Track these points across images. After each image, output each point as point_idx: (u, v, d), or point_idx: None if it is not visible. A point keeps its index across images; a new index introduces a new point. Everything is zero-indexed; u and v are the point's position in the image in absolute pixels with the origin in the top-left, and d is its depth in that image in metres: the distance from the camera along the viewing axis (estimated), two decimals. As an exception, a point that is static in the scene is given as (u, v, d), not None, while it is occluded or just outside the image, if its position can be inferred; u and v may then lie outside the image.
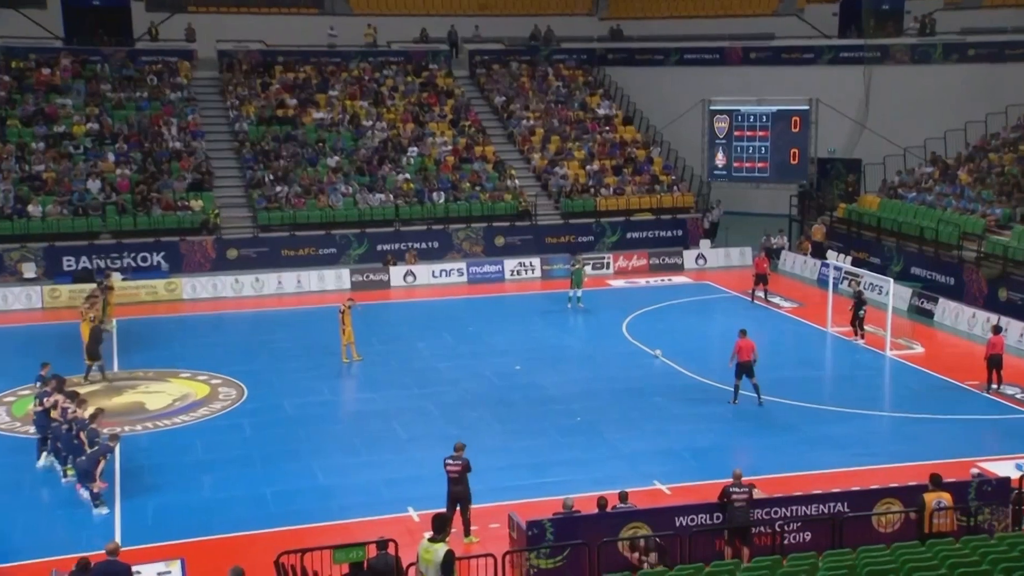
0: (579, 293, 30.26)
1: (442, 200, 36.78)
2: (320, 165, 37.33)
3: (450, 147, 39.48)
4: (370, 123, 39.69)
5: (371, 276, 33.92)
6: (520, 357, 25.52)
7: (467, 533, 15.62)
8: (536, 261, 35.47)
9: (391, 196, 36.45)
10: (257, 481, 18.08)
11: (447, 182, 37.60)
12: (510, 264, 35.23)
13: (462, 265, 35.01)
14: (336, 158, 37.66)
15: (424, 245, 35.80)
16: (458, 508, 15.53)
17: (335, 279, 33.65)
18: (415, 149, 38.92)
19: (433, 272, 34.55)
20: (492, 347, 26.56)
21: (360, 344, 26.75)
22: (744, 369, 21.34)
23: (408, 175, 37.59)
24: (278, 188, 35.89)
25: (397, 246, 35.51)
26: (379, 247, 35.38)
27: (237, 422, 21.10)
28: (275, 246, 34.57)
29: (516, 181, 38.39)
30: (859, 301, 26.62)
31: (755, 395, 21.52)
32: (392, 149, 38.71)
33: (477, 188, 37.63)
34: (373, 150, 38.49)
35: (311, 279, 33.54)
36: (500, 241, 36.66)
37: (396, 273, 34.20)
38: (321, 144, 38.13)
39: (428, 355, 25.79)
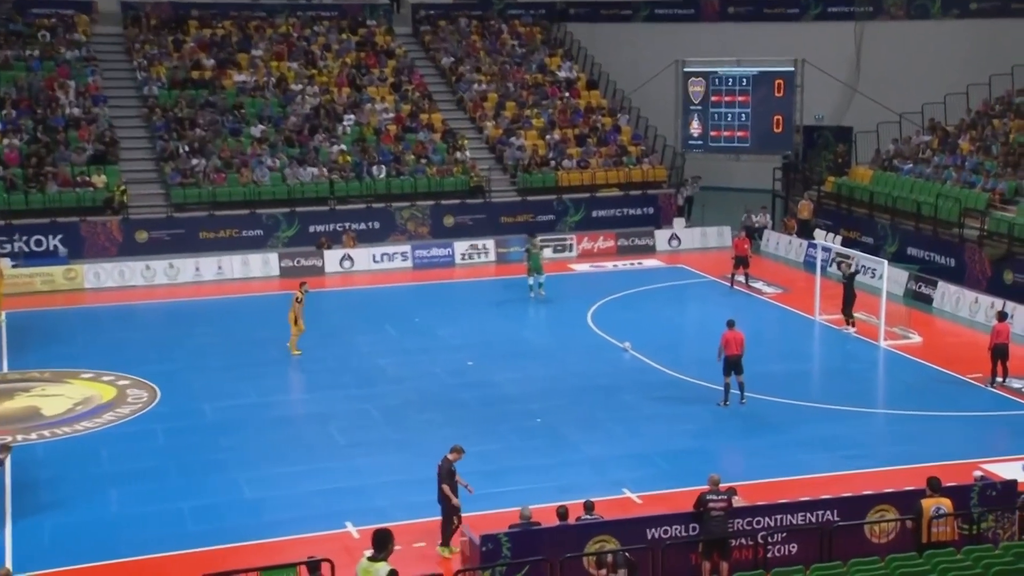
0: (541, 280, 30.32)
1: (383, 175, 36.63)
2: (243, 135, 37.00)
3: (391, 115, 39.30)
4: (300, 87, 39.37)
5: (302, 261, 33.73)
6: (473, 352, 25.52)
7: (444, 543, 15.73)
8: (490, 243, 35.46)
9: (325, 170, 36.25)
10: (173, 495, 17.92)
11: (388, 154, 37.43)
12: (461, 247, 35.19)
13: (406, 248, 34.92)
14: (261, 127, 37.34)
15: (363, 226, 35.67)
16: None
17: (261, 265, 33.41)
18: (351, 117, 38.70)
19: (374, 256, 34.44)
20: (441, 341, 26.52)
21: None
22: (733, 365, 21.51)
23: (344, 147, 37.39)
24: (194, 161, 35.51)
25: (332, 227, 35.37)
26: (311, 228, 35.21)
27: (149, 428, 20.89)
28: (192, 228, 34.24)
29: (467, 153, 38.31)
30: (849, 283, 26.89)
31: (738, 392, 21.70)
32: (325, 117, 38.46)
33: (423, 161, 37.51)
34: (303, 118, 38.22)
35: (233, 265, 33.26)
36: (449, 221, 36.62)
37: (331, 258, 34.04)
38: (243, 111, 37.78)
39: (368, 351, 25.69)
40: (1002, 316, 23.81)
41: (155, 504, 17.63)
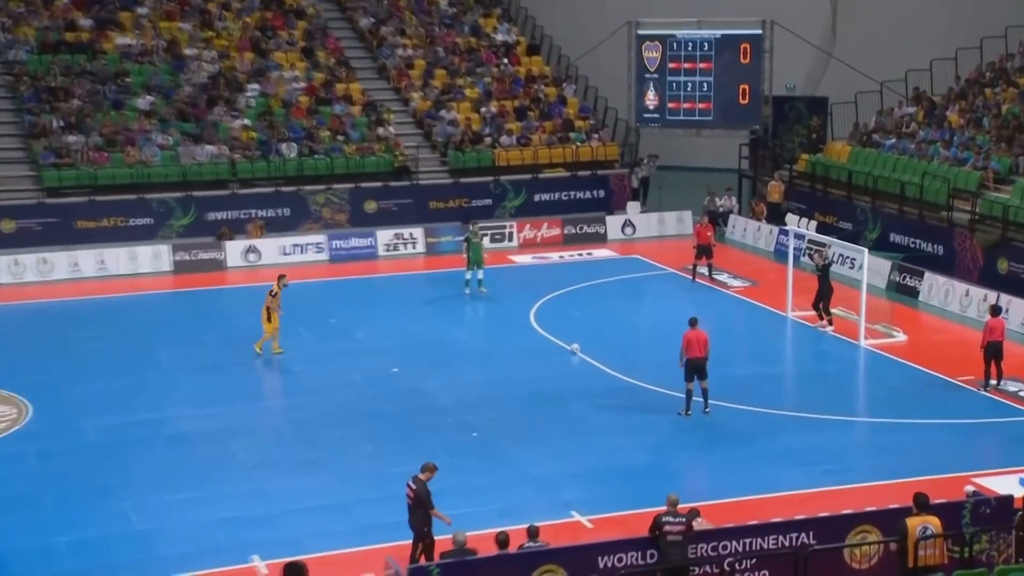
0: (480, 274, 30.29)
1: (294, 154, 36.40)
2: (127, 108, 36.50)
3: (303, 84, 39.06)
4: (194, 52, 38.93)
5: (200, 254, 33.43)
6: (398, 357, 25.46)
7: None
8: (418, 232, 35.39)
9: (225, 149, 35.92)
10: (46, 527, 17.63)
11: (300, 130, 37.19)
12: (384, 236, 35.10)
13: (321, 239, 34.79)
14: (149, 99, 36.87)
15: (271, 213, 35.47)
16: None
17: (151, 259, 33.02)
18: (256, 87, 38.40)
19: (283, 248, 34.26)
20: (362, 345, 26.42)
21: (191, 343, 26.25)
22: (696, 369, 21.66)
23: (248, 121, 37.08)
24: (71, 138, 34.96)
25: (235, 215, 35.13)
26: (210, 216, 34.94)
27: (17, 451, 20.53)
28: (68, 216, 33.75)
29: (390, 129, 38.16)
30: (824, 275, 27.14)
31: (701, 400, 21.85)
32: (225, 87, 38.11)
33: (339, 138, 37.32)
34: (199, 88, 37.83)
35: (119, 259, 32.85)
36: (371, 207, 36.51)
37: (234, 250, 33.79)
38: (128, 80, 37.26)
39: (278, 357, 25.55)
40: (996, 311, 24.19)
41: (24, 538, 17.33)
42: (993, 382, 23.30)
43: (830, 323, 27.25)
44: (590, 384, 23.84)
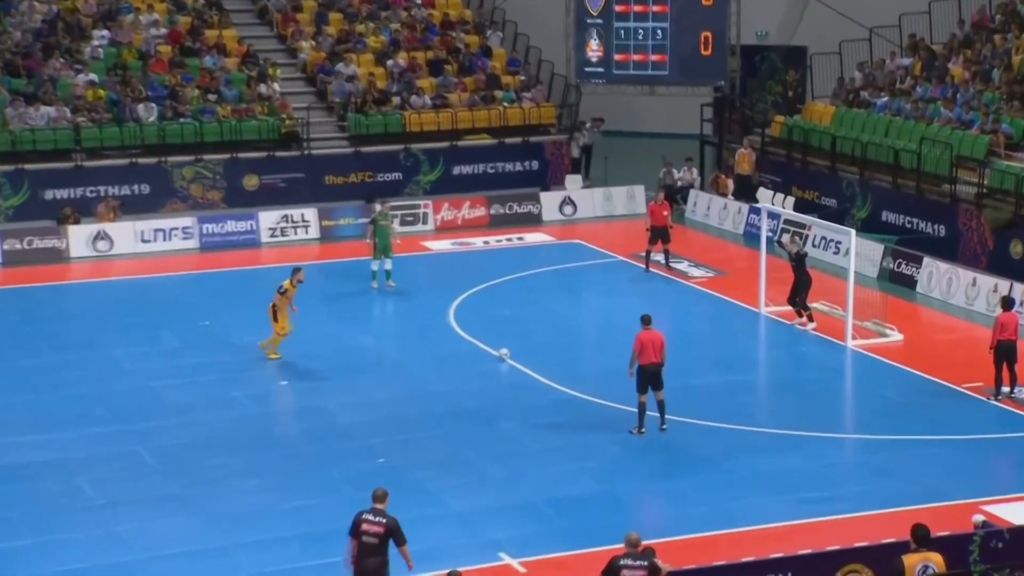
0: (388, 265, 30.19)
1: (153, 117, 36.08)
2: (-57, 60, 35.99)
3: (163, 31, 38.69)
4: (27, -9, 38.41)
5: (36, 242, 33.05)
6: (289, 367, 25.34)
7: None
8: (311, 213, 35.26)
9: (67, 111, 35.48)
10: None
11: (161, 88, 36.86)
12: (268, 219, 34.93)
13: (190, 222, 34.54)
14: (-29, 49, 36.35)
15: (126, 190, 35.20)
16: None
17: (-26, 248, 32.61)
18: (104, 34, 37.98)
19: (142, 234, 33.98)
20: (244, 353, 26.25)
21: (23, 353, 25.84)
22: (650, 378, 21.71)
23: (94, 76, 36.65)
24: None
25: (80, 193, 34.83)
26: (49, 194, 34.62)
27: None
28: None
29: (275, 86, 37.93)
30: (799, 264, 27.29)
31: (657, 415, 21.93)
32: (65, 34, 37.60)
33: (211, 98, 37.04)
34: (32, 35, 37.31)
35: (-67, 249, 32.39)
36: (252, 182, 36.29)
37: (79, 236, 33.46)
38: (-56, 25, 36.68)
39: (136, 369, 25.28)
40: (1008, 303, 24.36)
41: None
42: (1005, 389, 23.56)
43: (810, 319, 27.50)
44: (523, 398, 23.83)
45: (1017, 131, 32.33)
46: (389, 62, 39.57)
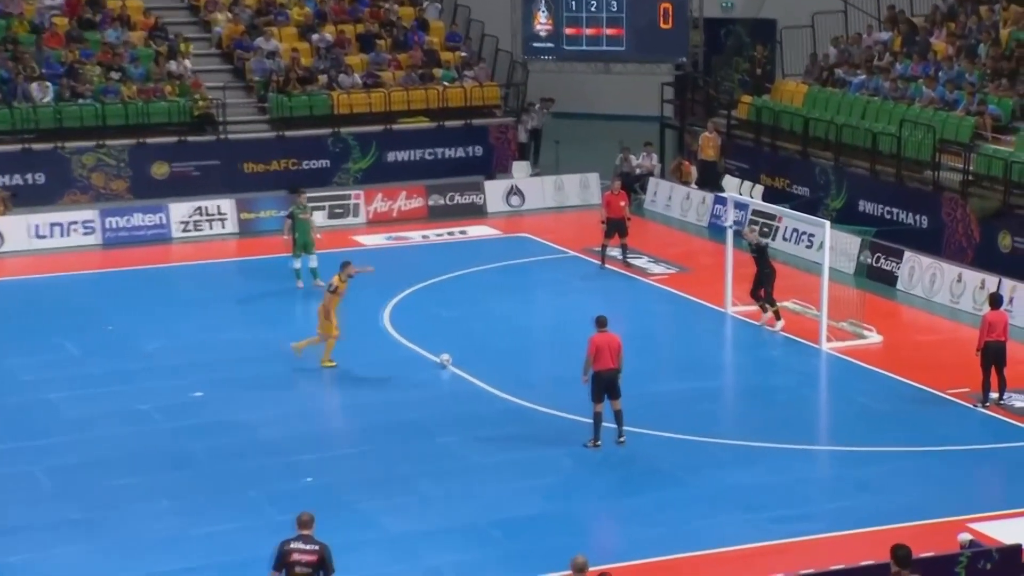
0: (312, 262, 30.11)
1: (49, 98, 35.87)
2: None
3: (60, 0, 38.45)
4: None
5: (-81, 239, 32.86)
6: (203, 377, 25.21)
7: None
8: (228, 205, 35.15)
9: (-50, 91, 35.24)
10: None
11: (57, 65, 36.65)
12: (180, 212, 34.80)
13: (92, 215, 34.38)
14: None
15: (18, 180, 35.00)
16: None
17: None
18: (-7, 5, 37.75)
19: (36, 228, 33.78)
20: (152, 361, 26.13)
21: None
22: (607, 385, 21.71)
23: (-18, 52, 36.41)
24: None
25: (-34, 183, 34.57)
26: (-72, 185, 34.37)
27: None
28: None
29: (187, 63, 37.75)
30: (762, 259, 27.31)
31: (613, 426, 21.98)
32: (-47, 5, 37.32)
33: (114, 76, 36.83)
34: (-85, 6, 37.02)
35: None
36: (161, 171, 36.14)
37: (-34, 232, 33.26)
38: None
39: (31, 379, 25.11)
40: (996, 301, 24.53)
41: None
42: (994, 395, 23.74)
43: (777, 316, 27.52)
44: (466, 408, 23.82)
45: (1005, 112, 32.59)
46: (314, 36, 39.46)
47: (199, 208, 34.94)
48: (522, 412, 23.59)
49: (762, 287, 27.46)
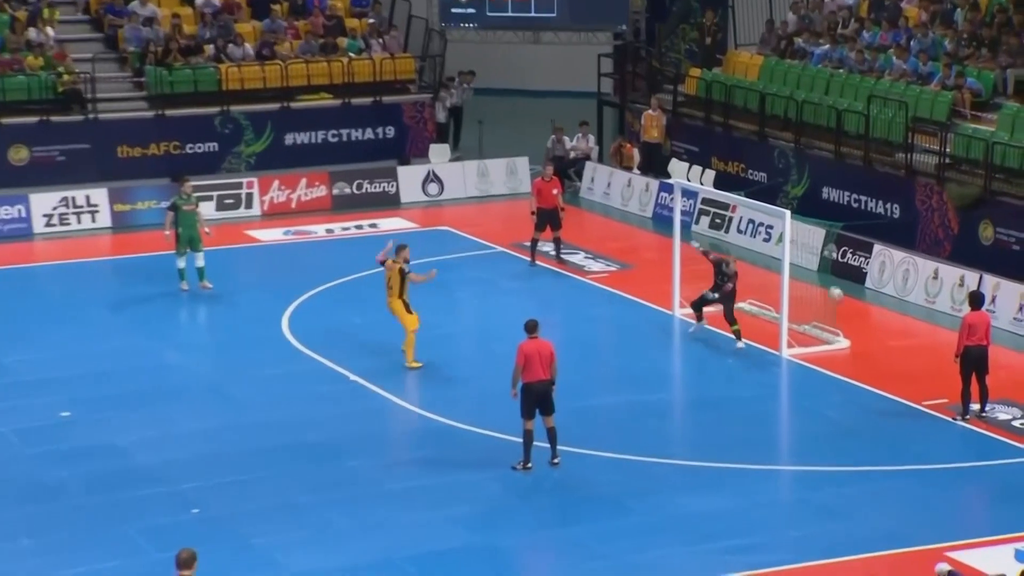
0: (199, 261, 29.94)
1: None
2: None
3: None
4: None
5: None
6: (71, 394, 25.06)
7: None
8: (100, 195, 35.11)
9: None
10: None
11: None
12: (43, 203, 34.76)
13: (-60, 208, 34.26)
14: None
15: None
16: None
17: None
18: None
19: None
20: (12, 376, 26.02)
21: None
22: (538, 399, 21.65)
23: None
24: None
25: None
26: None
27: None
28: None
29: (50, 31, 37.47)
30: (721, 273, 27.12)
31: (547, 446, 21.93)
32: None
33: (-32, 48, 36.52)
34: None
35: None
36: (20, 155, 35.98)
37: None
38: None
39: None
40: (976, 300, 24.57)
41: None
42: (975, 407, 23.88)
43: (699, 318, 27.45)
44: (377, 427, 23.85)
45: (986, 86, 32.83)
46: (199, 1, 39.16)
47: (65, 199, 34.84)
48: (442, 431, 23.57)
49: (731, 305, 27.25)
